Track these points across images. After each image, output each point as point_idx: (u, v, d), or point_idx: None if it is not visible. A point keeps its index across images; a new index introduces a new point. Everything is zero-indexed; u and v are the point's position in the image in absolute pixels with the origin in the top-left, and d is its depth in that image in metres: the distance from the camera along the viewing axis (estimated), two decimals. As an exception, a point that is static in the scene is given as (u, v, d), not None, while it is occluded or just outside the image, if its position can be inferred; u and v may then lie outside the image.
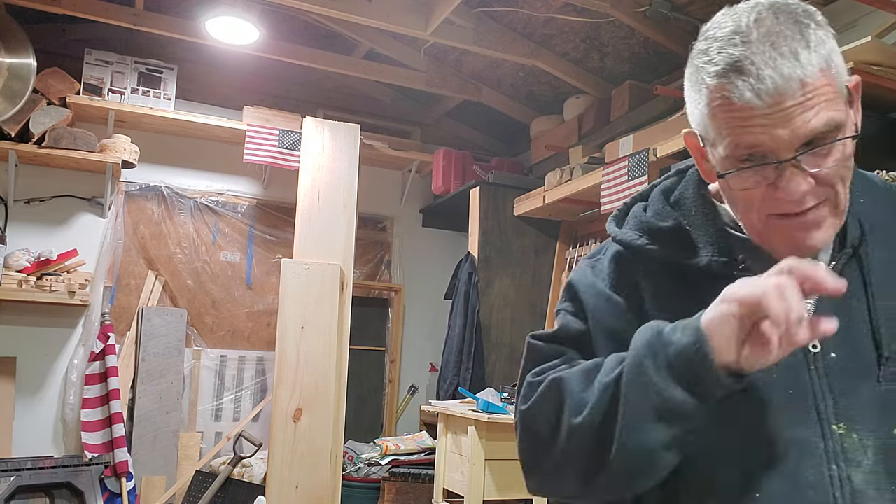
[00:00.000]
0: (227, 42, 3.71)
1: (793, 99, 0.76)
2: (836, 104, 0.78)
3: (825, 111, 0.77)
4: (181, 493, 3.78)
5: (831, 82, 0.78)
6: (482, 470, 2.85)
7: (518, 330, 3.99)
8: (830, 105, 0.77)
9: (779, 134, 0.77)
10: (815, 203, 0.79)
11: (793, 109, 0.76)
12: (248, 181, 4.40)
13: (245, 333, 4.33)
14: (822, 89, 0.77)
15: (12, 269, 3.54)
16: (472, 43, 3.60)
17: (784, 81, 0.76)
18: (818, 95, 0.77)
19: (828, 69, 0.78)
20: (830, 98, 0.77)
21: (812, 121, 0.76)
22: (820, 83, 0.77)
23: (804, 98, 0.76)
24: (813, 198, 0.79)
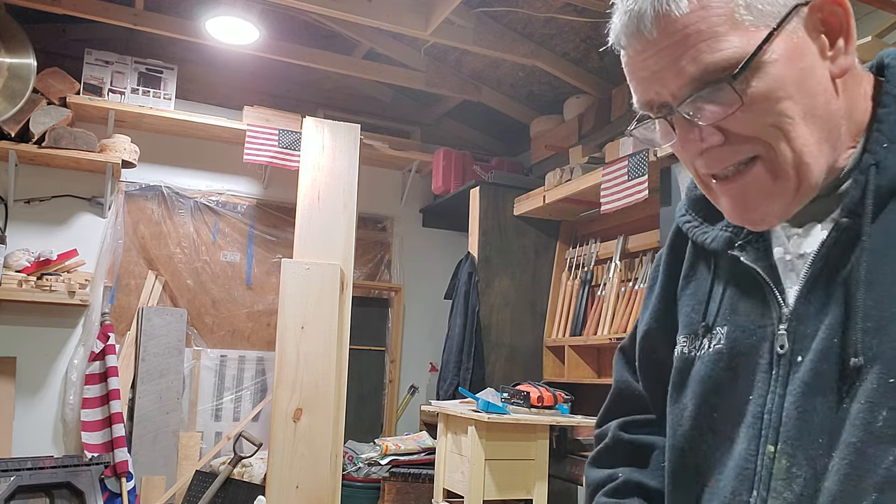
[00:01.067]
0: (227, 42, 3.71)
1: (663, 42, 0.65)
2: (725, 40, 0.63)
3: (704, 54, 0.64)
4: (181, 493, 3.78)
5: (716, 10, 0.63)
6: (482, 470, 2.85)
7: (518, 330, 3.99)
8: (714, 43, 0.63)
9: (655, 83, 0.67)
10: (738, 161, 0.67)
11: (665, 53, 0.65)
12: (248, 181, 4.40)
13: (245, 333, 4.33)
14: (699, 24, 0.64)
15: (12, 269, 3.54)
16: (472, 43, 3.60)
17: (644, 22, 0.65)
18: (693, 34, 0.64)
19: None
20: (715, 34, 0.63)
21: (687, 66, 0.64)
22: (695, 18, 0.64)
23: (676, 39, 0.64)
24: (731, 155, 0.67)
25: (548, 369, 3.95)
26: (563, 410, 3.08)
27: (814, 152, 0.65)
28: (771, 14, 0.64)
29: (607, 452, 0.94)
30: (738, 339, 0.75)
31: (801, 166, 0.65)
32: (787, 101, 0.64)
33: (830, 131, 0.66)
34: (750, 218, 0.70)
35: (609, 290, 3.57)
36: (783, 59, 0.64)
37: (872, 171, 0.66)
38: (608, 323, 3.48)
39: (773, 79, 0.63)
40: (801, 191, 0.67)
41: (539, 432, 2.96)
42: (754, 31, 0.63)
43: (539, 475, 2.93)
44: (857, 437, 0.63)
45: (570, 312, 3.85)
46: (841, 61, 0.66)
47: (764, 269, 0.74)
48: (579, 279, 3.85)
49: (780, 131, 0.65)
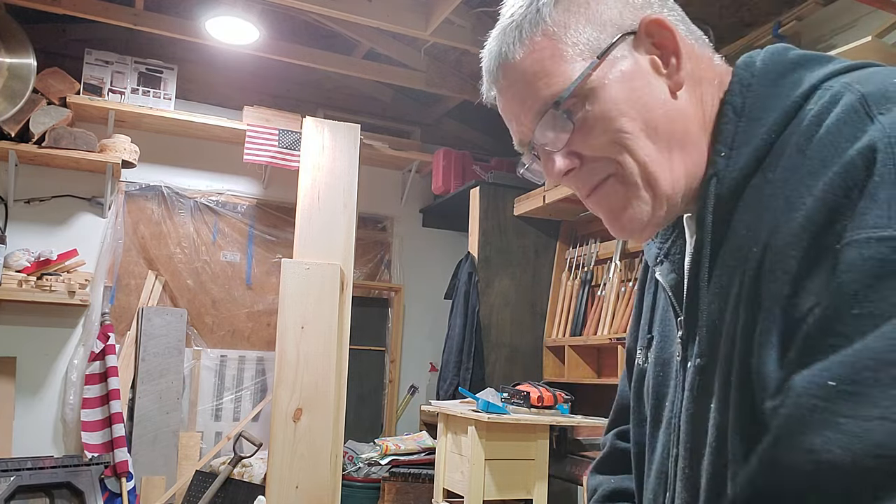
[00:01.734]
0: (227, 42, 3.71)
1: (512, 87, 0.73)
2: (555, 74, 0.70)
3: (541, 89, 0.70)
4: (181, 493, 3.78)
5: (546, 53, 0.70)
6: (482, 470, 2.85)
7: (518, 330, 3.99)
8: (547, 79, 0.70)
9: (516, 123, 0.75)
10: (595, 181, 0.72)
11: (516, 96, 0.73)
12: (248, 181, 4.40)
13: (245, 333, 4.33)
14: (534, 66, 0.71)
15: (12, 269, 3.54)
16: (472, 43, 3.60)
17: (493, 73, 0.75)
18: (530, 74, 0.71)
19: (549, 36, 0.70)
20: (547, 71, 0.70)
21: (530, 103, 0.72)
22: (529, 61, 0.71)
23: (520, 83, 0.72)
24: (588, 176, 0.72)
25: (548, 369, 3.95)
26: (563, 410, 3.08)
27: (659, 161, 0.69)
28: (598, 48, 0.69)
29: (605, 460, 1.01)
30: (662, 349, 0.82)
31: (648, 176, 0.69)
32: (622, 119, 0.68)
33: (676, 138, 0.69)
34: (621, 228, 0.73)
35: (609, 290, 3.57)
36: (614, 82, 0.69)
37: (713, 182, 0.69)
38: (608, 323, 3.48)
39: (604, 101, 0.68)
40: (658, 198, 0.70)
41: (539, 432, 2.96)
42: (581, 63, 0.69)
43: (539, 475, 2.94)
44: (712, 435, 0.67)
45: (570, 312, 3.85)
46: (676, 77, 0.70)
47: (671, 281, 0.78)
48: (579, 279, 3.85)
49: (620, 146, 0.69)
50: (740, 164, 0.68)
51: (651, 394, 0.82)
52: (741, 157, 0.68)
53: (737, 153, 0.68)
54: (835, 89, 0.63)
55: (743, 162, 0.68)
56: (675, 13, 0.74)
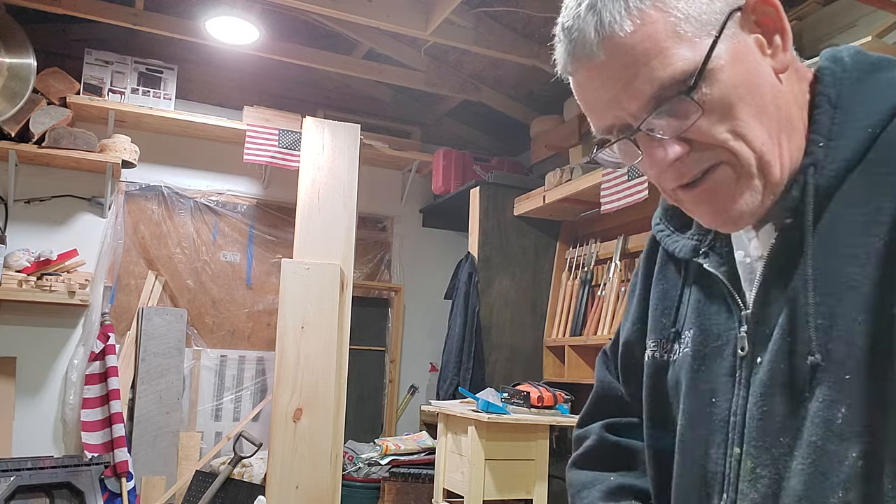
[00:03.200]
0: (227, 42, 3.71)
1: (613, 64, 0.66)
2: (673, 54, 0.64)
3: (657, 71, 0.64)
4: (181, 493, 3.78)
5: (659, 27, 0.64)
6: (482, 470, 2.85)
7: (518, 330, 3.99)
8: (664, 59, 0.64)
9: (612, 107, 0.68)
10: (703, 168, 0.67)
11: (617, 76, 0.66)
12: (248, 181, 4.40)
13: (245, 333, 4.33)
14: (645, 43, 0.64)
15: (12, 269, 3.54)
16: (472, 43, 3.60)
17: (589, 46, 0.66)
18: (641, 53, 0.64)
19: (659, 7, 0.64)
20: (662, 50, 0.64)
21: (642, 86, 0.65)
22: (640, 36, 0.64)
23: (625, 61, 0.65)
24: (696, 163, 0.67)
25: (548, 369, 3.95)
26: (563, 410, 3.08)
27: (772, 148, 0.67)
28: (709, 23, 0.65)
29: (593, 453, 0.95)
30: (703, 343, 0.77)
31: (763, 165, 0.67)
32: (739, 104, 0.65)
33: (783, 124, 0.68)
34: (723, 219, 0.70)
35: (609, 290, 3.57)
36: (729, 63, 0.65)
37: (810, 171, 0.68)
38: (608, 323, 3.48)
39: (723, 84, 0.65)
40: (769, 186, 0.68)
41: (539, 432, 2.96)
42: (698, 42, 0.64)
43: (539, 475, 2.93)
44: (817, 435, 0.64)
45: (570, 312, 3.85)
46: (780, 57, 0.68)
47: (725, 273, 0.75)
48: (579, 279, 3.85)
49: (736, 134, 0.66)
50: (844, 155, 0.66)
51: (687, 389, 0.78)
52: (841, 149, 0.67)
53: (835, 144, 0.67)
54: None
55: (847, 154, 0.66)
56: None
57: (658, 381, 0.83)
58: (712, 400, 0.74)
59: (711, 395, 0.75)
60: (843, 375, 0.63)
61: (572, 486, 0.95)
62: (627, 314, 0.94)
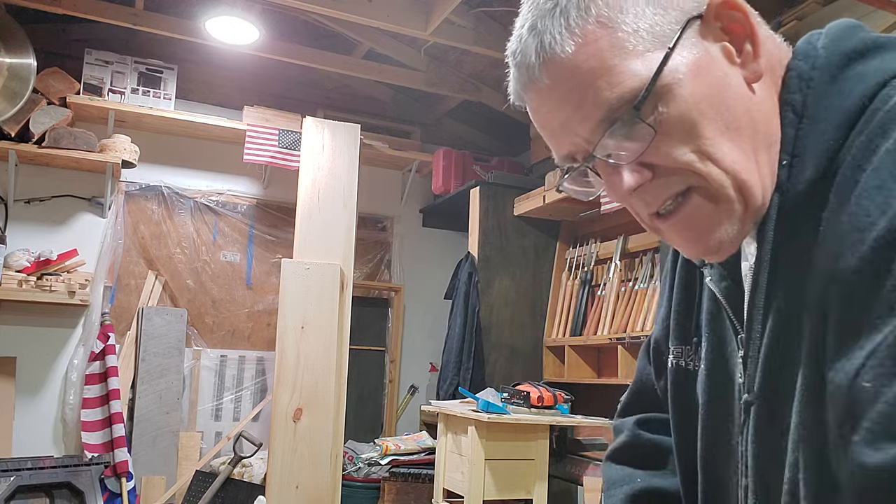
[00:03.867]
0: (227, 42, 3.71)
1: (559, 88, 0.60)
2: (621, 71, 0.58)
3: (604, 91, 0.59)
4: (181, 493, 3.78)
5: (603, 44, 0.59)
6: (482, 470, 2.85)
7: (518, 330, 3.99)
8: (611, 77, 0.58)
9: (566, 134, 0.62)
10: (670, 195, 0.61)
11: (565, 100, 0.61)
12: (248, 181, 4.40)
13: (245, 333, 4.33)
14: (590, 62, 0.59)
15: (12, 269, 3.54)
16: (472, 43, 3.60)
17: (533, 71, 0.61)
18: (586, 73, 0.59)
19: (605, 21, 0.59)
20: (609, 68, 0.58)
21: (590, 108, 0.60)
22: (583, 55, 0.59)
23: (571, 84, 0.60)
24: (661, 190, 0.61)
25: (548, 369, 3.95)
26: (563, 410, 3.08)
27: (748, 166, 0.60)
28: (664, 35, 0.59)
29: (626, 449, 0.93)
30: (714, 361, 0.73)
31: (740, 186, 0.60)
32: (703, 121, 0.59)
33: (761, 138, 0.61)
34: (702, 250, 0.64)
35: (609, 290, 3.57)
36: (689, 77, 0.59)
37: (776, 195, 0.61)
38: (608, 323, 3.48)
39: (682, 100, 0.58)
40: (750, 209, 0.61)
41: (539, 432, 2.96)
42: (650, 56, 0.58)
43: (539, 475, 2.93)
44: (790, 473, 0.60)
45: (570, 312, 3.85)
46: (752, 66, 0.61)
47: (725, 290, 0.70)
48: (579, 279, 3.85)
49: (702, 154, 0.59)
50: (806, 175, 0.59)
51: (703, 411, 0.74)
52: (805, 168, 0.59)
53: (799, 161, 0.60)
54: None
55: (808, 174, 0.59)
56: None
57: (683, 390, 0.79)
58: (727, 426, 0.71)
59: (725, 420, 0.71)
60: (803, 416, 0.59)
61: (605, 482, 0.93)
62: (659, 309, 0.89)
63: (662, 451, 0.90)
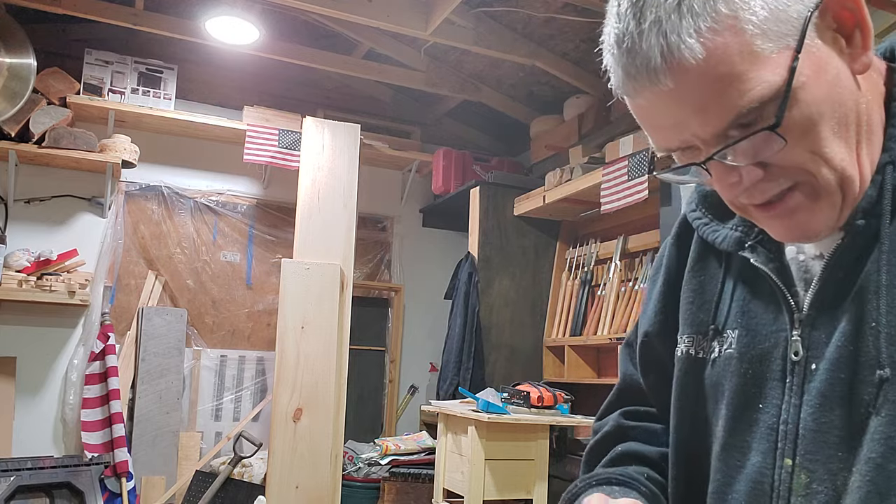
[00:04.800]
0: (227, 42, 3.71)
1: (681, 91, 0.59)
2: (751, 78, 0.57)
3: (733, 99, 0.58)
4: (181, 493, 3.78)
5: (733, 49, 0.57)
6: (482, 470, 2.85)
7: (518, 330, 3.99)
8: (740, 84, 0.57)
9: (679, 132, 0.62)
10: (780, 190, 0.62)
11: (687, 102, 0.59)
12: (248, 181, 4.40)
13: (245, 333, 4.33)
14: (719, 68, 0.57)
15: (12, 269, 3.54)
16: (472, 43, 3.60)
17: (655, 74, 0.59)
18: (714, 79, 0.57)
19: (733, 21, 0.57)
20: (738, 75, 0.57)
21: (715, 114, 0.59)
22: (713, 61, 0.57)
23: (697, 88, 0.58)
24: (772, 186, 0.62)
25: (548, 369, 3.95)
26: (563, 410, 3.08)
27: (852, 161, 0.61)
28: (787, 33, 0.57)
29: (608, 440, 0.90)
30: (749, 345, 0.71)
31: (843, 180, 0.61)
32: (821, 122, 0.59)
33: (863, 132, 0.62)
34: (799, 236, 0.65)
35: (609, 290, 3.57)
36: (811, 78, 0.58)
37: (889, 169, 0.62)
38: (608, 323, 3.48)
39: (805, 104, 0.58)
40: (848, 200, 0.62)
41: (539, 432, 2.96)
42: (777, 58, 0.57)
43: (539, 475, 2.93)
44: (877, 452, 0.59)
45: (570, 312, 3.85)
46: (862, 58, 0.61)
47: (775, 270, 0.70)
48: (579, 279, 3.85)
49: (817, 155, 0.60)
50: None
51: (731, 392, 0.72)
52: None
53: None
54: None
55: None
56: None
57: (693, 380, 0.77)
58: (759, 406, 0.69)
59: (758, 401, 0.69)
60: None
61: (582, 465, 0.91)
62: (647, 304, 0.88)
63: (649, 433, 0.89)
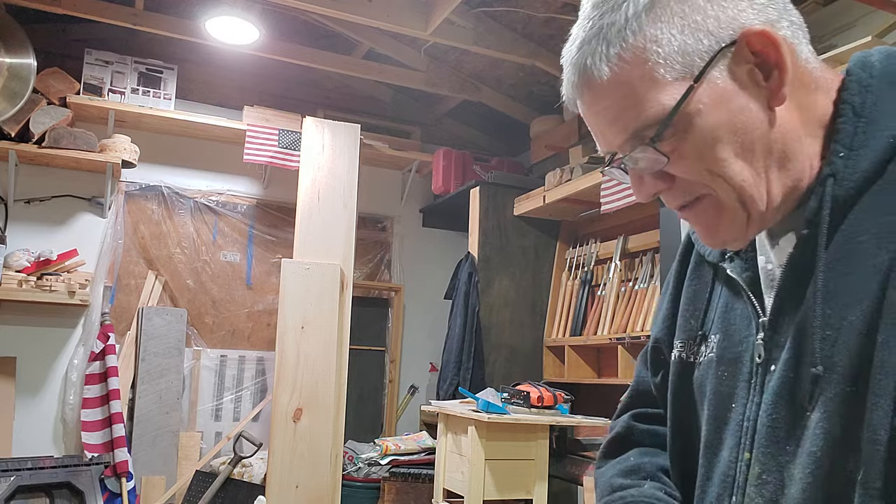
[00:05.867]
0: (227, 42, 3.71)
1: (595, 104, 0.68)
2: (647, 101, 0.65)
3: (630, 118, 0.66)
4: (181, 493, 3.78)
5: (635, 74, 0.65)
6: (482, 470, 2.85)
7: (518, 330, 3.99)
8: (638, 104, 0.65)
9: (600, 138, 0.71)
10: (688, 199, 0.69)
11: (600, 115, 0.69)
12: (248, 181, 4.40)
13: (245, 333, 4.33)
14: (622, 88, 0.65)
15: (12, 269, 3.54)
16: (472, 43, 3.60)
17: (577, 87, 0.69)
18: (618, 98, 0.66)
19: (638, 52, 0.64)
20: (637, 98, 0.65)
21: (618, 129, 0.68)
22: (616, 82, 0.65)
23: (605, 104, 0.67)
24: (680, 195, 0.69)
25: (548, 369, 3.95)
26: (563, 410, 3.08)
27: (755, 183, 0.67)
28: (691, 64, 0.64)
29: (618, 441, 0.95)
30: (726, 348, 0.78)
31: (744, 199, 0.67)
32: (718, 145, 0.65)
33: (774, 157, 0.67)
34: (711, 242, 0.73)
35: (609, 290, 3.57)
36: (710, 105, 0.64)
37: (829, 182, 0.67)
38: (608, 323, 3.48)
39: (700, 128, 0.64)
40: (753, 217, 0.68)
41: (539, 432, 2.96)
42: (675, 86, 0.64)
43: (539, 475, 2.93)
44: (816, 446, 0.64)
45: (570, 312, 3.85)
46: (778, 92, 0.66)
47: (747, 279, 0.76)
48: (579, 279, 3.85)
49: (715, 175, 0.66)
50: (862, 166, 0.65)
51: (710, 393, 0.79)
52: (862, 160, 0.65)
53: (856, 154, 0.66)
54: None
55: (865, 164, 0.65)
56: (777, 4, 0.67)
57: (684, 382, 0.84)
58: (731, 405, 0.75)
59: (731, 401, 0.76)
60: (844, 388, 0.63)
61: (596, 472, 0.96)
62: (659, 311, 0.94)
63: (657, 438, 0.94)
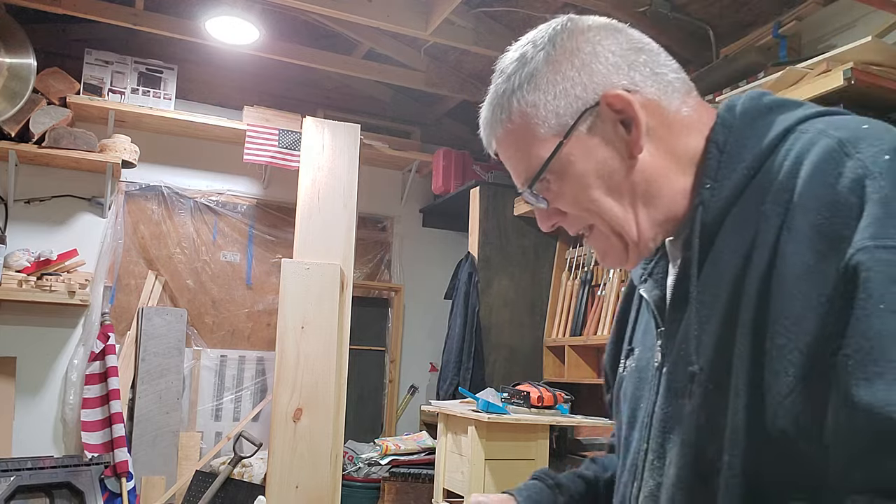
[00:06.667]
0: (227, 42, 3.71)
1: (500, 152, 0.84)
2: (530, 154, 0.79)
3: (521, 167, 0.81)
4: (181, 493, 3.78)
5: (521, 132, 0.79)
6: (482, 470, 2.85)
7: (518, 330, 3.99)
8: (525, 156, 0.80)
9: (513, 176, 0.85)
10: (575, 230, 0.84)
11: (503, 157, 0.84)
12: (248, 181, 4.40)
13: (245, 333, 4.33)
14: (516, 144, 0.81)
15: (12, 269, 3.54)
16: (472, 43, 3.60)
17: (485, 138, 0.85)
18: (512, 151, 0.82)
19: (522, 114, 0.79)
20: (524, 151, 0.80)
21: (515, 169, 0.83)
22: (511, 139, 0.81)
23: (505, 154, 0.83)
24: (572, 225, 0.83)
25: (548, 369, 3.95)
26: (563, 410, 3.08)
27: (624, 218, 0.79)
28: (565, 124, 0.77)
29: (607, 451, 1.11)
30: (641, 358, 0.90)
31: (617, 231, 0.80)
32: (588, 190, 0.78)
33: (640, 194, 0.78)
34: (607, 264, 0.85)
35: (609, 290, 3.57)
36: (579, 157, 0.77)
37: (699, 210, 0.77)
38: (608, 323, 3.48)
39: (571, 176, 0.78)
40: (630, 246, 0.80)
41: (539, 432, 2.96)
42: (551, 141, 0.78)
43: (539, 475, 2.93)
44: (686, 434, 0.75)
45: (570, 312, 3.85)
46: (637, 141, 0.77)
47: (655, 297, 0.86)
48: (579, 279, 3.85)
49: (592, 211, 0.79)
50: (724, 194, 0.76)
51: (629, 398, 0.90)
52: (724, 188, 0.76)
53: (720, 185, 0.76)
54: (810, 134, 0.71)
55: (727, 192, 0.75)
56: (643, 70, 0.78)
57: (620, 392, 0.96)
58: (640, 405, 0.86)
59: (640, 401, 0.87)
60: (707, 384, 0.73)
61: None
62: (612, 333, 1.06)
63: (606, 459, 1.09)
